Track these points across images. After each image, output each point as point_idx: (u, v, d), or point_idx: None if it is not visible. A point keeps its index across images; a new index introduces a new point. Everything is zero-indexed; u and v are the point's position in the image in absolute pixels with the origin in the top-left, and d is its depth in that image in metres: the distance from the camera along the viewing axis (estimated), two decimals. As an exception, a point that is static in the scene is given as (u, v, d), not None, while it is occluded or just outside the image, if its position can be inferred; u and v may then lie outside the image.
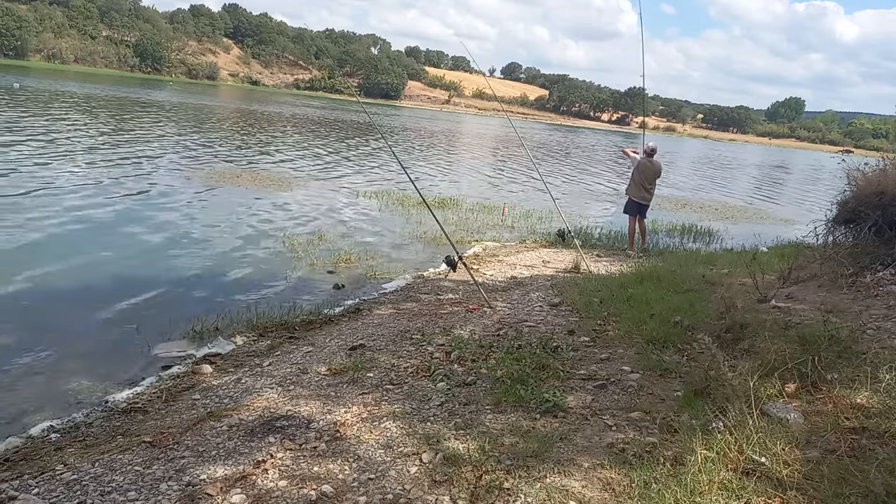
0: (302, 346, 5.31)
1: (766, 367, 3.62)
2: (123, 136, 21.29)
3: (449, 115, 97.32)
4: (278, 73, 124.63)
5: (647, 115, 20.52)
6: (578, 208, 16.07)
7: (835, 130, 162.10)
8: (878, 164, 6.70)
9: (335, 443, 3.40)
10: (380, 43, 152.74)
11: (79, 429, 3.93)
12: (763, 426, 2.97)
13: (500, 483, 2.92)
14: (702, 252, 10.66)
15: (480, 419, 3.63)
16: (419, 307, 6.51)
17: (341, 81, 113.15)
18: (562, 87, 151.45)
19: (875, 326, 4.48)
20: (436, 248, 9.91)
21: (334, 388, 4.23)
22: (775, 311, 5.02)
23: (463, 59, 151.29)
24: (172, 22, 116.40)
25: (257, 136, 27.05)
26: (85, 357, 5.19)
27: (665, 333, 4.82)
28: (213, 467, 3.18)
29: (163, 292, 6.98)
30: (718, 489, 2.59)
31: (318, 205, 12.82)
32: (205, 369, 4.79)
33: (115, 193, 11.70)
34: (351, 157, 23.07)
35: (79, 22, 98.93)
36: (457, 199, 14.68)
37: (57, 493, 2.99)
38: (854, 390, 3.36)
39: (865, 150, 74.02)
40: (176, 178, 14.06)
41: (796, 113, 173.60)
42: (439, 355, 4.76)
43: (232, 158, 18.66)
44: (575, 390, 4.01)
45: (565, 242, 10.43)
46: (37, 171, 12.98)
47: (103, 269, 7.56)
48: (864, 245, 5.89)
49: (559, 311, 6.03)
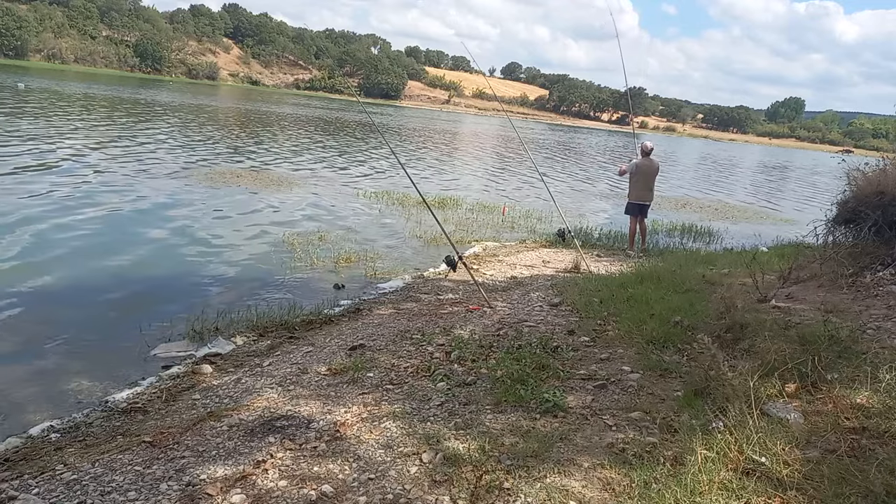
0: (302, 346, 5.31)
1: (766, 367, 3.62)
2: (123, 136, 21.28)
3: (449, 115, 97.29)
4: (278, 73, 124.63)
5: (632, 114, 20.61)
6: (578, 208, 16.06)
7: (835, 130, 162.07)
8: (878, 164, 6.69)
9: (335, 443, 3.40)
10: (380, 43, 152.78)
11: (79, 429, 3.93)
12: (763, 426, 2.97)
13: (500, 483, 2.92)
14: (702, 252, 10.65)
15: (480, 419, 3.63)
16: (419, 307, 6.51)
17: (341, 81, 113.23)
18: (562, 87, 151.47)
19: (875, 326, 4.48)
20: (436, 248, 9.91)
21: (334, 388, 4.23)
22: (775, 311, 5.02)
23: (463, 59, 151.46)
24: (172, 22, 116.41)
25: (257, 137, 27.05)
26: (85, 357, 5.19)
27: (665, 333, 4.82)
28: (213, 467, 3.18)
29: (163, 292, 6.98)
30: (718, 489, 2.59)
31: (318, 205, 12.82)
32: (205, 369, 4.79)
33: (115, 194, 11.70)
34: (351, 157, 23.07)
35: (79, 22, 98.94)
36: (457, 199, 14.68)
37: (57, 493, 2.99)
38: (854, 390, 3.36)
39: (865, 150, 74.07)
40: (176, 178, 14.05)
41: (796, 113, 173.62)
42: (439, 355, 4.76)
43: (232, 158, 18.67)
44: (575, 390, 4.02)
45: (565, 242, 10.43)
46: (37, 171, 12.98)
47: (103, 269, 7.56)
48: (864, 245, 5.89)
49: (559, 311, 6.03)
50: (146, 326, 5.80)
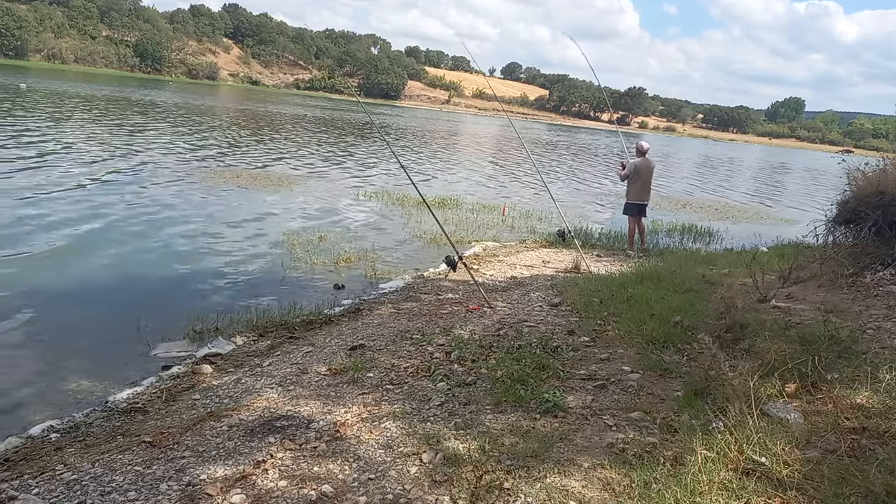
0: (302, 346, 5.31)
1: (766, 367, 3.62)
2: (123, 135, 21.29)
3: (449, 115, 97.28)
4: (278, 73, 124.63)
5: (612, 110, 20.56)
6: (578, 208, 16.06)
7: (835, 130, 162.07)
8: (878, 164, 6.70)
9: (335, 443, 3.40)
10: (380, 43, 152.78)
11: (79, 429, 3.93)
12: (763, 426, 2.97)
13: (500, 483, 2.92)
14: (702, 252, 10.66)
15: (480, 419, 3.63)
16: (419, 307, 6.50)
17: (341, 81, 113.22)
18: (562, 87, 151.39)
19: (875, 326, 4.48)
20: (436, 248, 9.91)
21: (334, 388, 4.23)
22: (775, 311, 5.02)
23: (463, 59, 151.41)
24: (172, 22, 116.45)
25: (257, 136, 27.05)
26: (85, 357, 5.19)
27: (665, 333, 4.82)
28: (213, 467, 3.18)
29: (163, 292, 6.98)
30: (718, 489, 2.59)
31: (318, 205, 12.82)
32: (205, 369, 4.79)
33: (115, 194, 11.70)
34: (351, 157, 23.06)
35: (79, 22, 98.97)
36: (457, 199, 14.67)
37: (57, 493, 2.99)
38: (854, 390, 3.36)
39: (865, 150, 74.06)
40: (176, 178, 14.05)
41: (796, 113, 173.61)
42: (439, 355, 4.76)
43: (232, 158, 18.66)
44: (575, 390, 4.02)
45: (565, 242, 10.43)
46: (37, 171, 12.98)
47: (103, 269, 7.56)
48: (864, 245, 5.89)
49: (559, 311, 6.03)
50: (146, 326, 5.80)
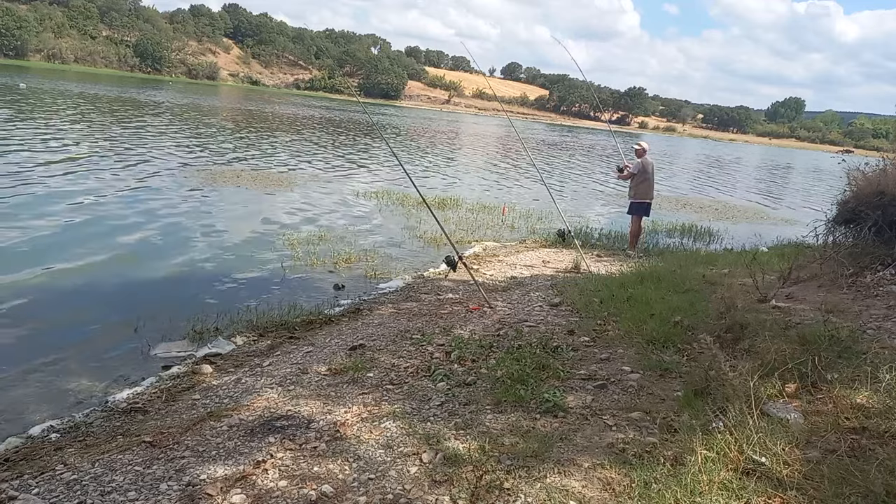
0: (302, 346, 5.31)
1: (767, 367, 3.62)
2: (123, 135, 21.28)
3: (449, 114, 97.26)
4: (278, 73, 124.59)
5: (603, 110, 20.51)
6: (578, 208, 16.06)
7: (835, 130, 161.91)
8: (878, 164, 6.70)
9: (335, 443, 3.40)
10: (380, 43, 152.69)
11: (79, 429, 3.93)
12: (763, 426, 2.96)
13: (500, 483, 2.92)
14: (702, 252, 10.66)
15: (480, 419, 3.63)
16: (419, 307, 6.51)
17: (341, 81, 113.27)
18: (562, 87, 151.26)
19: (875, 326, 4.48)
20: (436, 248, 9.91)
21: (334, 388, 4.23)
22: (775, 311, 5.01)
23: (463, 59, 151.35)
24: (172, 22, 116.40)
25: (257, 136, 27.05)
26: (85, 357, 5.19)
27: (665, 333, 4.83)
28: (213, 467, 3.18)
29: (163, 292, 6.98)
30: (718, 489, 2.59)
31: (318, 205, 12.82)
32: (205, 369, 4.79)
33: (115, 194, 11.70)
34: (351, 157, 23.06)
35: (79, 22, 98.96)
36: (457, 199, 14.67)
37: (57, 493, 2.99)
38: (854, 390, 3.35)
39: (865, 150, 73.98)
40: (176, 178, 14.05)
41: (796, 113, 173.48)
42: (439, 355, 4.76)
43: (232, 158, 18.66)
44: (575, 390, 4.02)
45: (565, 242, 10.43)
46: (36, 172, 12.97)
47: (103, 269, 7.56)
48: (864, 245, 5.89)
49: (559, 311, 6.03)
50: (146, 326, 5.80)
